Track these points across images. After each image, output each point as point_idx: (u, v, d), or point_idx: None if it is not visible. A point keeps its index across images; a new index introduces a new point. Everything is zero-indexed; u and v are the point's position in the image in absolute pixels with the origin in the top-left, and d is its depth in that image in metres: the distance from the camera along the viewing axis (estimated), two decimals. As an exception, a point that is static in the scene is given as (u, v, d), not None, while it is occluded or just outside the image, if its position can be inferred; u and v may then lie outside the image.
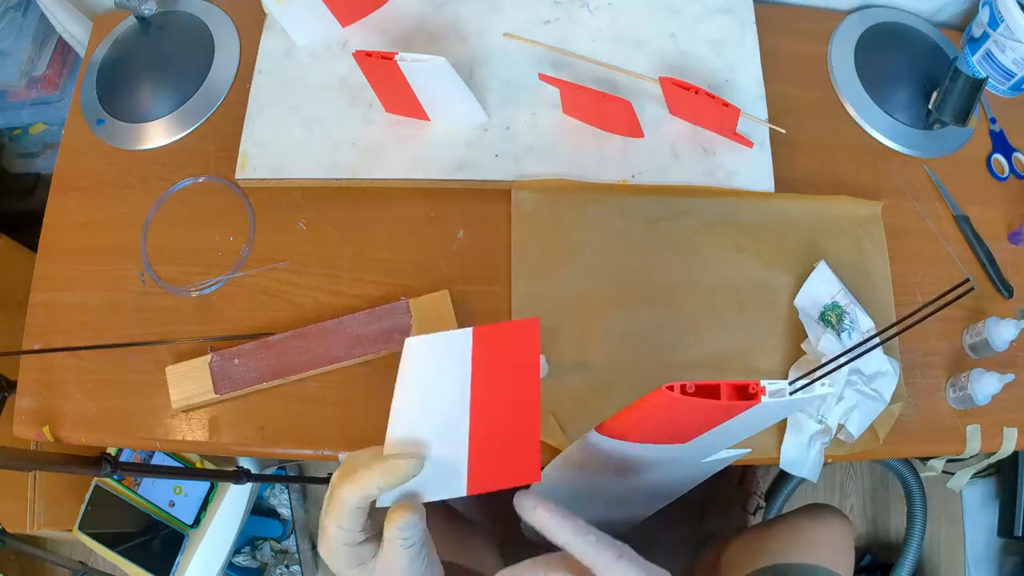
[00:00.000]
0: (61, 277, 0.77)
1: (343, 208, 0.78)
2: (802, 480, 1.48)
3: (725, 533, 1.07)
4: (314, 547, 1.49)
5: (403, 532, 0.41)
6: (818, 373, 0.41)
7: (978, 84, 0.80)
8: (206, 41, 0.86)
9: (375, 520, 0.43)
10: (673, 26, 0.84)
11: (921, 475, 1.43)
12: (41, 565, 1.41)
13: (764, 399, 0.38)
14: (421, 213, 0.78)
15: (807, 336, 0.71)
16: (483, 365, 0.41)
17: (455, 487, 0.43)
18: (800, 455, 0.69)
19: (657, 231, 0.77)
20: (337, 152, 0.77)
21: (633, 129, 0.77)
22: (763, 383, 0.39)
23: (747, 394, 0.39)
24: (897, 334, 0.73)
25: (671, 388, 0.39)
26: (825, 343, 0.70)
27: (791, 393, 0.38)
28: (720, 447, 0.50)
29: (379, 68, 0.72)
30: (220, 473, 0.95)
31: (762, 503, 1.37)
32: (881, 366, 0.70)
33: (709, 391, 0.40)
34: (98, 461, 0.70)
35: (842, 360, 0.47)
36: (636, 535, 0.55)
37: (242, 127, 0.79)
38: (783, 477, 1.48)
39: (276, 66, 0.82)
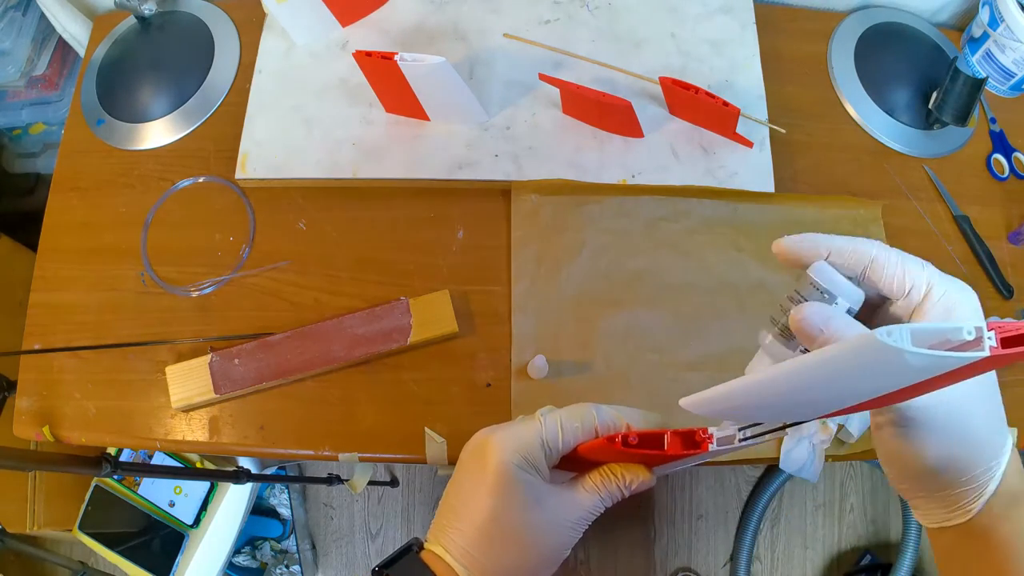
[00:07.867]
0: (61, 277, 0.77)
1: (343, 208, 0.78)
2: (788, 479, 1.47)
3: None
4: (314, 547, 1.49)
5: (628, 491, 0.40)
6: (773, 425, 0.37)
7: (978, 84, 0.80)
8: (206, 41, 0.86)
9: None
10: (673, 26, 0.83)
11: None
12: (41, 565, 1.41)
13: (711, 447, 0.37)
14: (421, 213, 0.78)
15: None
16: None
17: None
18: (800, 455, 0.69)
19: (657, 231, 0.77)
20: (337, 152, 0.77)
21: (633, 129, 0.77)
22: (711, 430, 0.38)
23: (693, 443, 0.38)
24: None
25: (612, 440, 0.38)
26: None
27: (740, 440, 0.36)
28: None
29: (379, 68, 0.72)
30: (220, 473, 0.95)
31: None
32: (881, 366, 0.70)
33: (652, 441, 0.39)
34: (98, 461, 0.70)
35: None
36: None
37: (242, 127, 0.79)
38: (768, 475, 1.48)
39: (276, 66, 0.82)
